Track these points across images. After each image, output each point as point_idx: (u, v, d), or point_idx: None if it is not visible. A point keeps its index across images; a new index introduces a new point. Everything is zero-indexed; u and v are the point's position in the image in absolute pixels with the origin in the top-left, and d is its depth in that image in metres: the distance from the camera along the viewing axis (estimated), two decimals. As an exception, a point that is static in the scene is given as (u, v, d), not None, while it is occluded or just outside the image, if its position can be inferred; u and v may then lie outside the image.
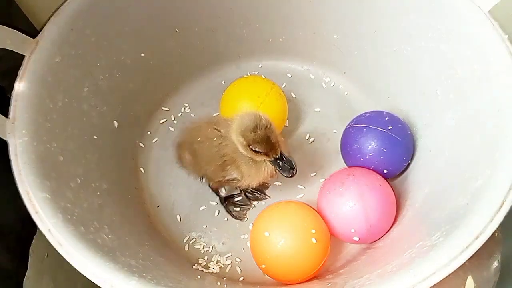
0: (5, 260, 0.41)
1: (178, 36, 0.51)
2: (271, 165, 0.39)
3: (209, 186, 0.48)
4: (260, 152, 0.37)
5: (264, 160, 0.38)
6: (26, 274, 0.41)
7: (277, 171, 0.39)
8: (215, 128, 0.41)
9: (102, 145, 0.44)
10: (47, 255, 0.42)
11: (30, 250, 0.42)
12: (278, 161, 0.37)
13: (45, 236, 0.31)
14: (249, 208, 0.48)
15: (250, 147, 0.36)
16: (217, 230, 0.47)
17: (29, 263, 0.41)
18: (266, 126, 0.35)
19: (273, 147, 0.36)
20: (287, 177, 0.38)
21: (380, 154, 0.44)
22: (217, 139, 0.41)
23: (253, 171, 0.40)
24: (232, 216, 0.48)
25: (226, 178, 0.42)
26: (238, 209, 0.48)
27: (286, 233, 0.39)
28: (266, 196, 0.48)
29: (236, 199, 0.48)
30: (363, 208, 0.41)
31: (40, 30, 0.38)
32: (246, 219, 0.48)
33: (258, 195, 0.48)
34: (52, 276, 0.42)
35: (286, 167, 0.37)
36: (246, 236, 0.47)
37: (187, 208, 0.49)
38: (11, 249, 0.40)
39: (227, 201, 0.48)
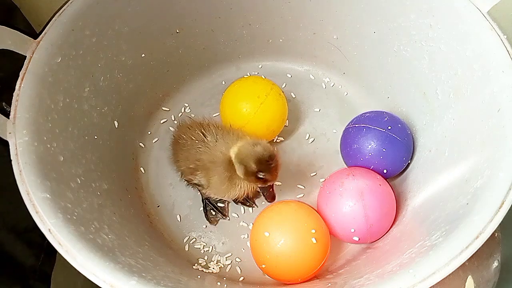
0: (28, 256, 0.41)
1: (178, 36, 0.51)
2: (247, 187, 0.40)
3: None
4: (262, 179, 0.38)
5: (255, 184, 0.40)
6: (54, 267, 0.41)
7: (258, 194, 0.44)
8: (201, 132, 0.42)
9: (102, 145, 0.44)
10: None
11: None
12: (270, 189, 0.40)
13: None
14: (223, 218, 0.48)
15: (259, 173, 0.38)
16: (217, 230, 0.47)
17: (57, 256, 0.41)
18: (277, 159, 0.38)
19: (276, 177, 0.39)
20: (268, 201, 0.42)
21: (380, 154, 0.44)
22: (198, 142, 0.42)
23: (224, 187, 0.41)
24: (205, 215, 0.48)
25: (193, 181, 0.43)
26: (214, 213, 0.48)
27: (286, 233, 0.39)
28: (254, 205, 0.48)
29: (218, 204, 0.48)
30: (363, 208, 0.41)
31: (41, 31, 0.38)
32: (214, 224, 0.47)
33: (247, 202, 0.48)
34: (51, 276, 0.42)
35: (273, 194, 0.41)
36: (246, 236, 0.47)
37: (187, 208, 0.49)
38: (35, 245, 0.40)
39: (208, 201, 0.48)
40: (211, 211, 0.48)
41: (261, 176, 0.38)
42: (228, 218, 0.48)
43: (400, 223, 0.43)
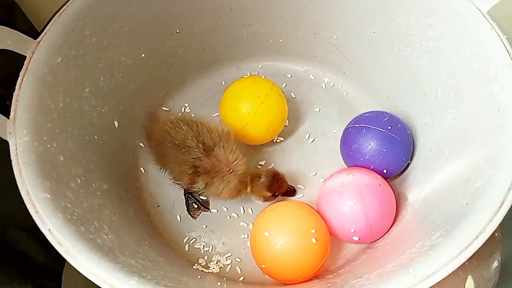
0: (40, 253, 0.41)
1: (179, 36, 0.51)
2: (247, 191, 0.44)
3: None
4: (278, 195, 0.45)
5: (273, 198, 0.45)
6: (65, 265, 0.41)
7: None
8: (195, 137, 0.42)
9: (102, 145, 0.44)
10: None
11: None
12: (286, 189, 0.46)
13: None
14: (206, 211, 0.48)
15: (274, 195, 0.44)
16: (217, 230, 0.47)
17: None
18: (278, 174, 0.44)
19: (286, 184, 0.45)
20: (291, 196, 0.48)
21: (380, 154, 0.44)
22: (197, 151, 0.41)
23: (227, 194, 0.43)
24: (187, 209, 0.48)
25: (191, 186, 0.43)
26: (196, 206, 0.48)
27: (286, 233, 0.39)
28: (207, 209, 0.48)
29: (201, 197, 0.48)
30: (363, 208, 0.41)
31: (41, 31, 0.38)
32: (195, 218, 0.48)
33: (201, 205, 0.48)
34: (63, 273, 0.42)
35: (292, 190, 0.48)
36: (246, 236, 0.47)
37: (187, 208, 0.49)
38: (46, 243, 0.41)
39: (190, 194, 0.48)
40: (193, 204, 0.48)
41: (277, 194, 0.45)
42: (210, 211, 0.48)
43: (400, 223, 0.43)
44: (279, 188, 0.44)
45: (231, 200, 0.48)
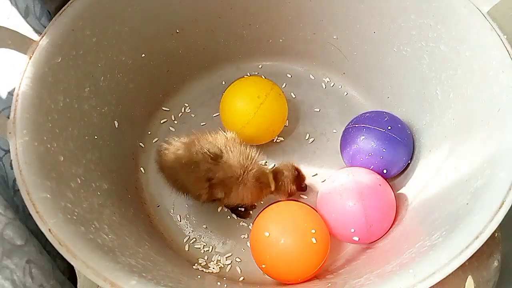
0: (62, 265, 0.41)
1: (179, 36, 0.51)
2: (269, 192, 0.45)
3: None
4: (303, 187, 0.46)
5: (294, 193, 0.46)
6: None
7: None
8: (208, 154, 0.41)
9: (102, 145, 0.44)
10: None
11: None
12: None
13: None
14: (252, 208, 0.48)
15: (302, 186, 0.46)
16: (217, 230, 0.47)
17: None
18: (297, 167, 0.45)
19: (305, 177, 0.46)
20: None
21: (380, 154, 0.44)
22: (206, 162, 0.41)
23: (247, 192, 0.43)
24: (239, 216, 0.48)
25: (212, 198, 0.43)
26: (243, 209, 0.48)
27: (286, 233, 0.39)
28: (247, 216, 0.48)
29: (239, 208, 0.48)
30: (363, 208, 0.41)
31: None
32: (246, 218, 0.48)
33: (241, 213, 0.48)
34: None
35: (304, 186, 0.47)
36: (246, 236, 0.47)
37: (187, 208, 0.49)
38: None
39: (230, 210, 0.48)
40: (239, 208, 0.48)
41: (302, 186, 0.46)
42: (255, 206, 0.48)
43: (400, 223, 0.43)
44: (302, 178, 0.45)
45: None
